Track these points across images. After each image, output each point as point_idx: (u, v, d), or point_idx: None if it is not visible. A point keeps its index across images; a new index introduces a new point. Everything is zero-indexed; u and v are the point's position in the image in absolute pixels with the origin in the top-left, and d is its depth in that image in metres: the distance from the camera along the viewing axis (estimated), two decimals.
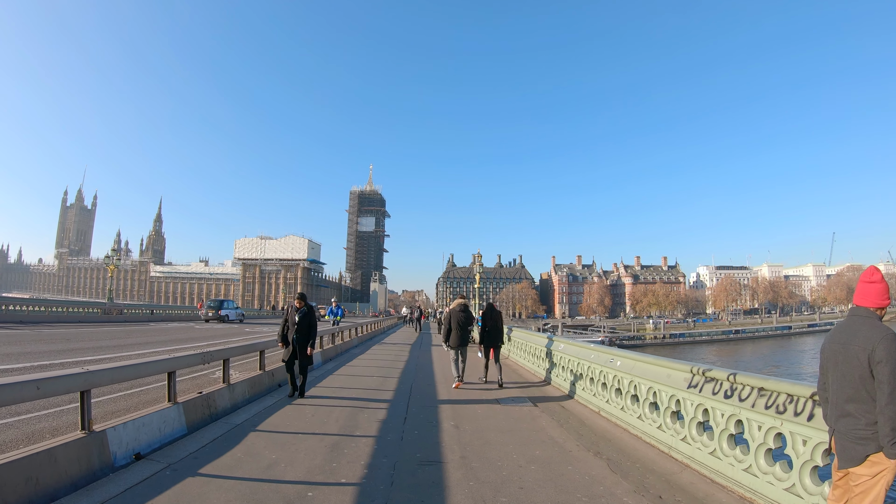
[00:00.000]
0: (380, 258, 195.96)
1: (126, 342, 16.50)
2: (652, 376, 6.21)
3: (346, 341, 16.68)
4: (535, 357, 11.76)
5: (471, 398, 8.61)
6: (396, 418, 6.88)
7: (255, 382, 8.06)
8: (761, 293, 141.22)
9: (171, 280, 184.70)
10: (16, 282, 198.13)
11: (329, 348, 13.75)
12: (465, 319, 10.01)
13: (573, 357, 8.86)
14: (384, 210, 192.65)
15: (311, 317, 8.38)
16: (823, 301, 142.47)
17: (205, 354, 6.48)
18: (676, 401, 5.73)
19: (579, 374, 8.53)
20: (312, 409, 7.35)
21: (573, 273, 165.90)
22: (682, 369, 5.66)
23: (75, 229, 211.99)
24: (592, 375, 7.96)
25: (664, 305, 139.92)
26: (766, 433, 4.41)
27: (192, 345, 15.86)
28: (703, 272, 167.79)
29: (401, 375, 11.26)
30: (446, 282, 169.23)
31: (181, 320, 35.45)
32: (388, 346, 20.60)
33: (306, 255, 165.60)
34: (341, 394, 8.79)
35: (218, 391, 6.72)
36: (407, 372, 11.84)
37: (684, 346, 75.86)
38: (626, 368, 6.83)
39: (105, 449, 4.70)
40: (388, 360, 14.21)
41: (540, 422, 6.90)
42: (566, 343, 9.56)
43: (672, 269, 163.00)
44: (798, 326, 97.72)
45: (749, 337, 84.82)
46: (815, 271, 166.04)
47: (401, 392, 8.94)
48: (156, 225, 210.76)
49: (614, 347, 8.11)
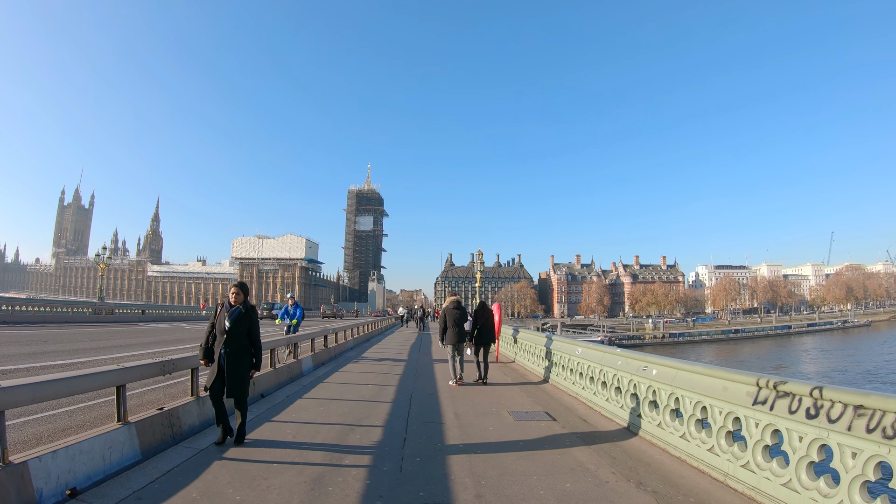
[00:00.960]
0: (378, 258, 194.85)
1: (107, 344, 15.47)
2: (701, 388, 5.19)
3: (342, 343, 15.58)
4: (545, 361, 10.74)
5: (479, 413, 7.57)
6: (394, 439, 5.87)
7: None
8: (760, 292, 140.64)
9: (168, 280, 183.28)
10: (12, 281, 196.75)
11: (322, 351, 12.64)
12: (460, 316, 10.11)
13: (595, 363, 7.82)
14: (382, 209, 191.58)
15: (250, 321, 5.45)
16: (822, 300, 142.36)
17: (164, 364, 5.42)
18: (735, 419, 4.73)
19: (602, 382, 7.53)
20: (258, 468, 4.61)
21: (572, 272, 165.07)
22: (745, 381, 4.64)
23: (72, 229, 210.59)
24: (619, 385, 6.95)
25: (663, 305, 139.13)
26: (865, 463, 3.43)
27: (176, 347, 14.85)
28: (702, 271, 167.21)
29: (398, 384, 10.14)
30: (445, 281, 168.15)
31: (173, 320, 34.39)
32: (385, 348, 19.57)
33: (304, 254, 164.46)
34: (320, 419, 6.78)
35: (183, 406, 5.65)
36: (405, 380, 10.66)
37: (684, 346, 75.05)
38: (665, 378, 5.81)
39: (26, 485, 3.68)
40: (384, 369, 12.89)
41: (564, 443, 5.89)
42: (585, 347, 8.50)
43: (671, 269, 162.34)
44: (797, 326, 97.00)
45: (749, 336, 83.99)
46: (813, 271, 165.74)
47: (399, 407, 7.82)
48: (153, 224, 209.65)
49: (635, 351, 7.03)
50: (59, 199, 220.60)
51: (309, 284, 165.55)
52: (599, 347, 7.96)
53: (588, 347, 8.41)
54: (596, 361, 7.79)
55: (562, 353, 9.62)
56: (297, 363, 10.14)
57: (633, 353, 6.91)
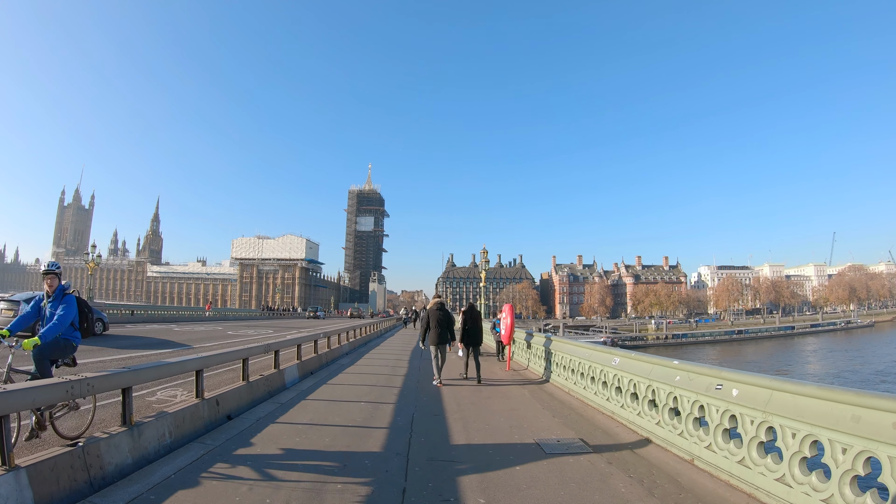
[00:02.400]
0: (379, 258, 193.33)
1: None
2: (814, 417, 3.78)
3: (335, 349, 13.95)
4: (570, 372, 9.30)
5: (500, 442, 6.09)
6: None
7: (182, 418, 5.44)
8: (763, 293, 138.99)
9: (168, 280, 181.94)
10: (12, 282, 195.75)
11: (311, 359, 11.09)
12: (443, 318, 10.23)
13: (639, 377, 6.37)
14: (383, 209, 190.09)
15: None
16: (825, 301, 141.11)
17: (72, 384, 3.95)
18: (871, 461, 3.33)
19: (649, 400, 6.07)
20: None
21: (574, 273, 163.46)
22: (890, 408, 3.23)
23: (72, 229, 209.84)
24: (679, 407, 5.51)
25: (666, 305, 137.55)
26: None
27: (143, 353, 13.32)
28: (705, 272, 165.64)
29: (397, 401, 8.52)
30: (446, 282, 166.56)
31: (164, 321, 32.97)
32: (384, 354, 18.13)
33: (304, 254, 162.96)
34: (292, 458, 5.22)
35: (109, 440, 4.23)
36: (405, 396, 9.05)
37: (687, 347, 74.02)
38: (756, 402, 4.35)
39: None
40: (382, 380, 10.92)
41: (611, 481, 4.46)
42: (623, 356, 7.00)
43: (673, 269, 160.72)
44: (801, 327, 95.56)
45: (752, 337, 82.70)
46: (816, 271, 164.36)
47: (397, 435, 6.22)
48: (153, 225, 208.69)
49: (694, 363, 5.50)
50: (60, 200, 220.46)
51: (309, 285, 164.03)
52: (644, 357, 6.48)
53: (627, 356, 6.94)
54: (642, 375, 6.32)
55: (591, 361, 8.15)
56: (279, 374, 8.66)
57: (696, 366, 5.46)
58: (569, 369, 9.32)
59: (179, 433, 5.16)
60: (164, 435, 4.94)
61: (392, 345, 21.41)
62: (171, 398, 7.20)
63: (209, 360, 6.08)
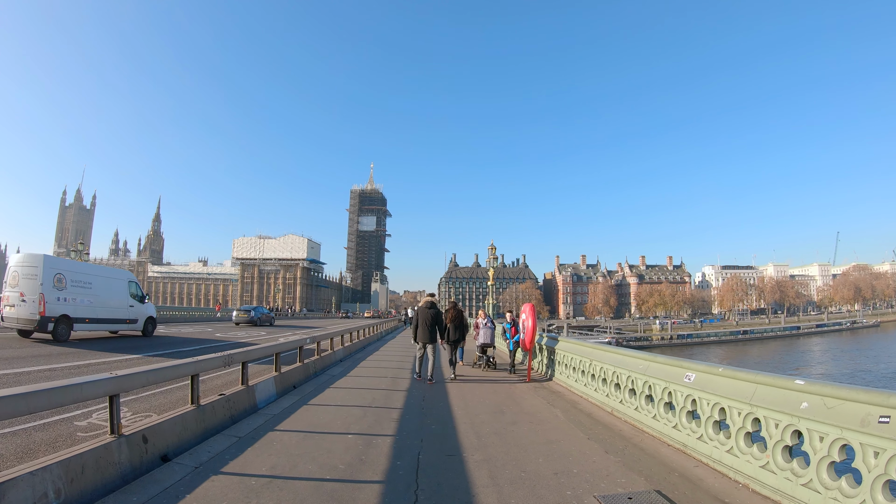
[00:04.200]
0: (381, 258, 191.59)
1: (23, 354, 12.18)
2: None
3: (325, 356, 11.95)
4: (612, 387, 7.59)
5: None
6: None
7: (80, 468, 3.61)
8: (768, 293, 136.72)
9: (168, 280, 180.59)
10: None
11: (293, 370, 9.02)
12: (433, 317, 10.38)
13: (734, 402, 4.59)
14: (385, 209, 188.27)
15: None
16: (830, 301, 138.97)
17: None
18: None
19: (745, 431, 4.38)
20: None
21: (577, 273, 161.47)
22: None
23: (74, 229, 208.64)
24: (811, 449, 3.76)
25: (670, 306, 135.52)
26: None
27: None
28: (709, 272, 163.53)
29: (396, 433, 6.19)
30: (449, 282, 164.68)
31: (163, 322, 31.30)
32: (382, 361, 16.39)
33: (306, 254, 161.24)
34: None
35: None
36: (406, 425, 6.66)
37: (693, 348, 72.45)
38: None
39: None
40: (378, 397, 8.85)
41: None
42: (703, 371, 5.13)
43: (677, 269, 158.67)
44: (806, 327, 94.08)
45: (758, 337, 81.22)
46: (820, 271, 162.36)
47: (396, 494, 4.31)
48: (154, 225, 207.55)
49: (815, 379, 3.68)
50: (61, 200, 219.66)
51: (311, 285, 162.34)
52: (738, 373, 4.72)
53: (710, 371, 5.17)
54: (739, 399, 4.52)
55: (647, 376, 6.35)
56: (247, 392, 6.72)
57: (833, 387, 3.75)
58: (610, 383, 7.56)
59: (75, 491, 3.47)
60: (46, 496, 3.25)
61: (393, 349, 19.34)
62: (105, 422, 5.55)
63: (131, 381, 4.33)
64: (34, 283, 13.45)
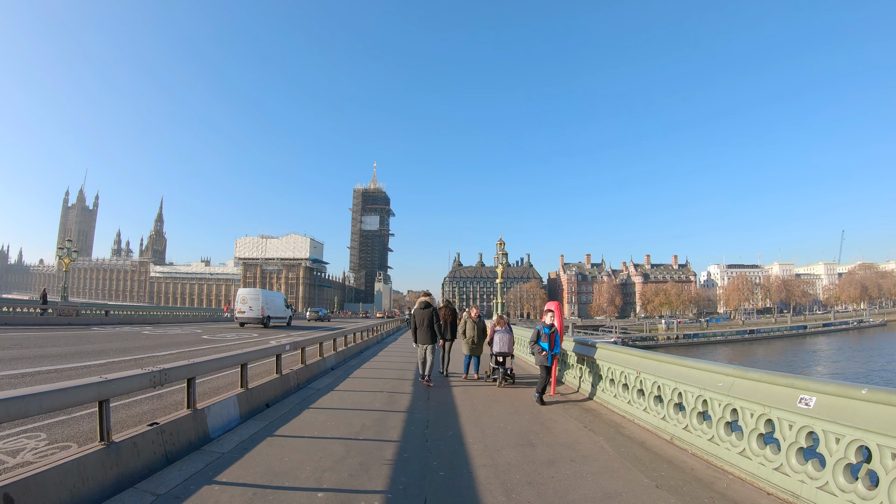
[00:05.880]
0: (384, 257, 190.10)
1: None
2: None
3: (311, 364, 9.91)
4: (672, 408, 6.00)
5: None
6: None
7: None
8: (774, 292, 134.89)
9: (171, 280, 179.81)
10: (16, 282, 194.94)
11: (266, 384, 7.18)
12: (429, 317, 10.33)
13: (884, 437, 3.12)
14: (388, 209, 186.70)
15: None
16: (836, 300, 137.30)
17: None
18: None
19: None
20: None
21: (582, 272, 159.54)
22: None
23: (76, 230, 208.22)
24: None
25: (675, 305, 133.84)
26: None
27: (74, 364, 10.04)
28: (714, 271, 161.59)
29: (390, 483, 4.26)
30: (452, 282, 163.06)
31: (141, 323, 29.97)
32: (378, 371, 14.78)
33: (308, 254, 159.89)
34: None
35: None
36: (403, 467, 4.72)
37: (699, 347, 71.07)
38: None
39: None
40: (369, 422, 6.90)
41: None
42: (827, 393, 3.61)
43: (683, 268, 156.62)
44: (813, 326, 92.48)
45: (764, 337, 79.72)
46: (826, 269, 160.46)
47: None
48: (157, 225, 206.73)
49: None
50: (63, 200, 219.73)
51: (313, 285, 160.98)
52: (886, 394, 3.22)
53: (838, 393, 3.65)
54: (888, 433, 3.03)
55: (732, 397, 4.65)
56: (193, 418, 4.93)
57: None
58: (668, 403, 5.89)
59: None
60: None
61: (393, 353, 17.12)
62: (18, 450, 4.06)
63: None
64: (258, 303, 27.66)
